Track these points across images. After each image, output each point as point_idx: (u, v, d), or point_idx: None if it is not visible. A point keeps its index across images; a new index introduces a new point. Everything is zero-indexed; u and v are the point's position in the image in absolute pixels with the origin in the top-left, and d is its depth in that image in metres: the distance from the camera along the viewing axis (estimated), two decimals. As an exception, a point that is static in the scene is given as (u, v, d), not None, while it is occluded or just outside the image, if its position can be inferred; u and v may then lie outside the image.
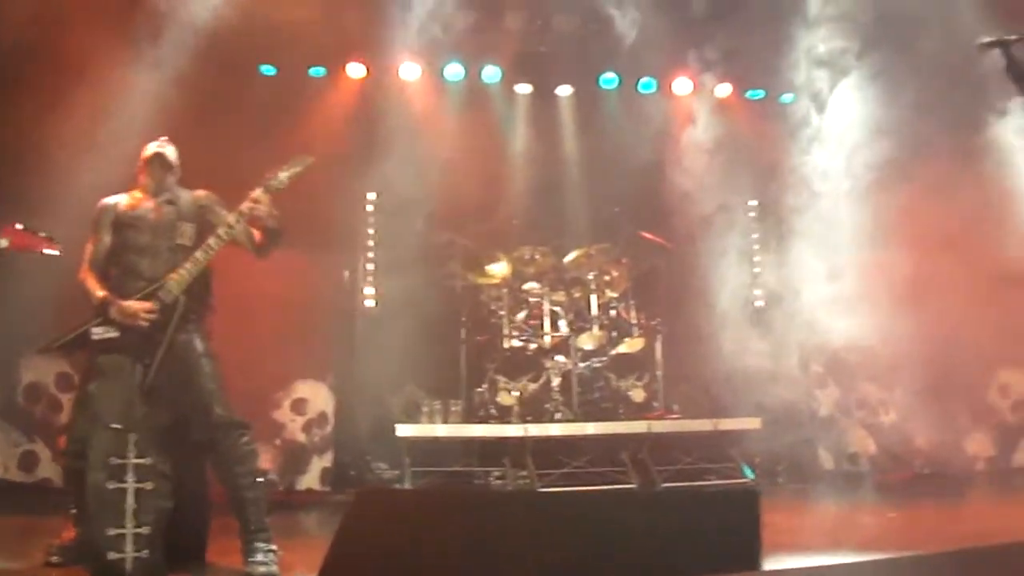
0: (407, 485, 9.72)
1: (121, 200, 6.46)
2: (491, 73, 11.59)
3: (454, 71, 11.47)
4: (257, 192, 6.19)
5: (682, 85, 11.69)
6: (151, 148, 6.52)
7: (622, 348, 10.82)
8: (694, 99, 11.56)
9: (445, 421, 10.32)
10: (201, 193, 6.55)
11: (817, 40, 10.15)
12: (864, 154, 9.92)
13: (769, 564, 5.05)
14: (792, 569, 4.18)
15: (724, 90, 11.91)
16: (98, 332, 6.06)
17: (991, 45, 5.37)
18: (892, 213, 9.92)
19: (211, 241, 6.16)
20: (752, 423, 10.30)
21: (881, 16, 9.80)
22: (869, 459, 10.81)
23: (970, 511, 8.98)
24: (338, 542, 4.20)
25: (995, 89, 6.76)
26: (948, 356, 10.01)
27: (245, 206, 6.17)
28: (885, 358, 10.01)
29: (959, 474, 10.44)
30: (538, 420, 10.32)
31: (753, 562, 3.73)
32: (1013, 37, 5.28)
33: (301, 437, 10.07)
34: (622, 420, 10.45)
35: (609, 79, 11.77)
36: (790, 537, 7.21)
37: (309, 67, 11.13)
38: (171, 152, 6.55)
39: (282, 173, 6.28)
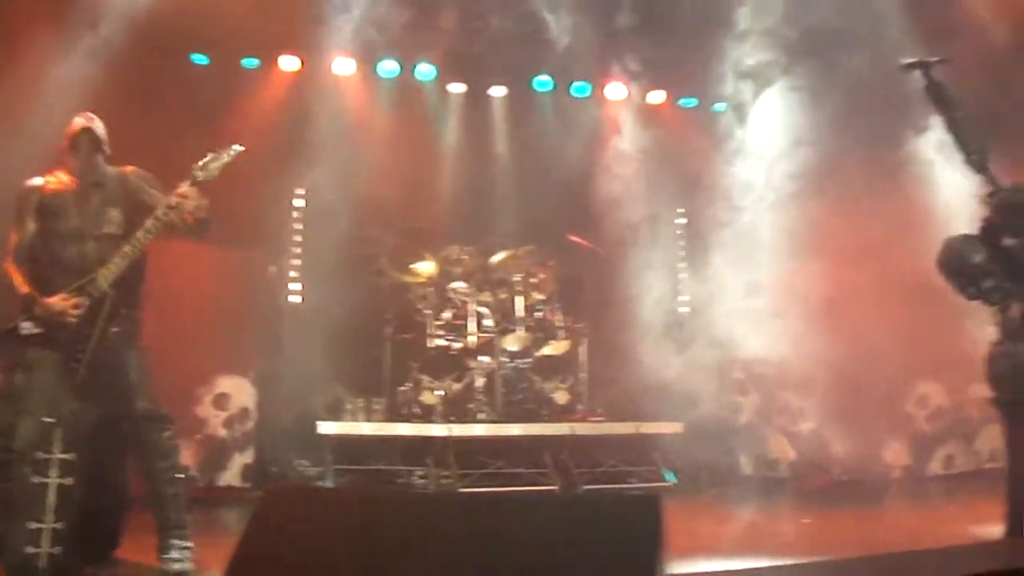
0: (329, 483, 9.68)
1: (44, 183, 6.23)
2: (425, 71, 11.57)
3: (388, 68, 11.42)
4: (184, 186, 6.00)
5: (616, 90, 11.74)
6: (78, 122, 6.23)
7: (547, 350, 10.90)
8: (627, 105, 11.65)
9: (368, 419, 10.30)
10: (129, 170, 6.33)
11: (746, 52, 10.27)
12: (788, 167, 10.06)
13: (680, 568, 5.11)
14: (697, 573, 4.23)
15: (657, 97, 12.02)
16: (26, 327, 5.96)
17: (913, 66, 5.51)
18: (816, 225, 10.06)
19: (139, 234, 6.01)
20: (674, 427, 10.41)
21: (810, 32, 9.95)
22: (788, 465, 10.95)
23: (884, 518, 9.11)
24: (245, 541, 4.15)
25: (916, 107, 6.88)
26: (868, 366, 10.15)
27: (173, 199, 5.99)
28: (806, 367, 10.13)
29: (876, 481, 10.58)
30: (461, 420, 10.33)
31: (652, 568, 3.77)
32: (933, 59, 5.41)
33: (222, 433, 9.96)
34: (545, 422, 10.51)
35: (543, 82, 11.80)
36: (706, 541, 7.30)
37: (242, 58, 11.00)
38: (100, 127, 6.26)
39: (210, 164, 6.11)
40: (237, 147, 6.23)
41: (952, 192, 7.34)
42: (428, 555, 3.96)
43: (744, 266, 10.29)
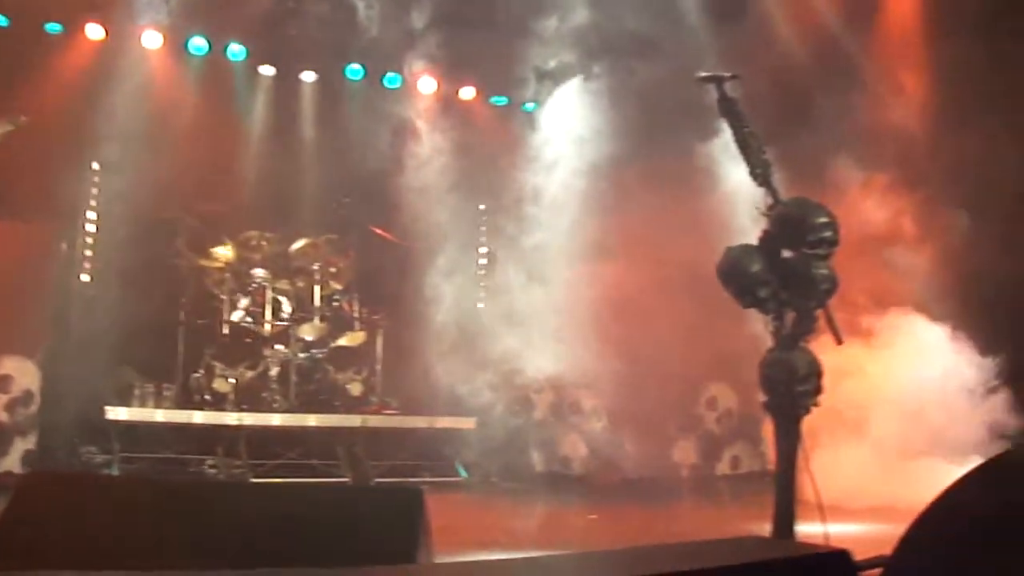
0: (115, 471, 9.40)
1: None
2: (236, 51, 11.35)
3: (198, 45, 11.15)
4: None
5: (427, 84, 11.72)
6: None
7: (343, 341, 10.87)
8: (437, 99, 11.66)
9: (158, 405, 10.03)
10: None
11: (553, 54, 10.43)
12: (585, 168, 10.26)
13: (461, 556, 5.16)
14: (454, 563, 4.31)
15: (468, 93, 12.08)
16: None
17: (707, 79, 5.65)
18: (612, 228, 10.27)
19: None
20: (467, 423, 10.52)
21: (615, 38, 10.16)
22: (580, 462, 11.12)
23: (668, 515, 9.31)
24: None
25: (709, 116, 7.09)
26: (660, 367, 10.37)
27: None
28: (599, 367, 10.31)
29: (665, 480, 10.84)
30: (254, 409, 10.18)
31: (412, 555, 3.90)
32: (727, 74, 5.56)
33: (3, 416, 9.49)
34: (338, 413, 10.45)
35: (355, 70, 11.72)
36: (492, 534, 7.39)
37: (45, 22, 10.55)
38: None
39: None
40: (20, 117, 5.95)
41: (741, 198, 7.57)
42: (190, 541, 3.93)
43: (541, 265, 10.44)
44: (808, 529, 5.55)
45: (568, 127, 10.60)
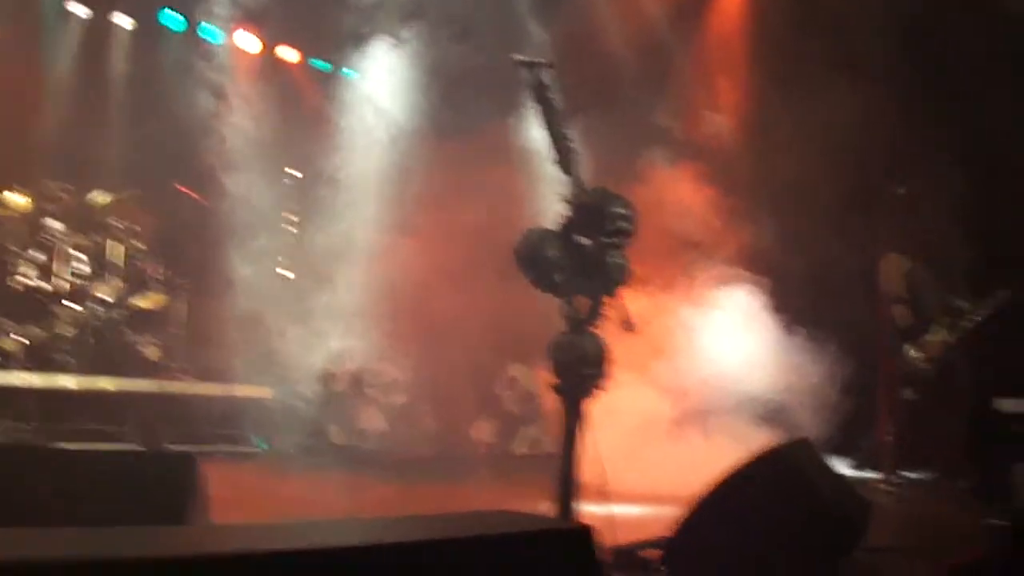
0: None
1: None
2: (46, -14, 10.91)
3: (2, -23, 10.66)
4: None
5: (248, 41, 11.46)
6: None
7: (142, 303, 10.51)
8: (258, 58, 11.45)
9: (-61, 364, 9.52)
10: None
11: (373, 21, 10.38)
12: (397, 141, 10.25)
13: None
14: (213, 525, 4.34)
15: (290, 55, 11.89)
16: None
17: (523, 64, 5.66)
18: (421, 203, 10.28)
19: None
20: (263, 392, 10.44)
21: (435, 11, 10.17)
22: (378, 437, 11.10)
23: (460, 492, 9.36)
24: None
25: (520, 94, 7.17)
26: (463, 345, 10.45)
27: None
28: (402, 341, 10.32)
29: (463, 457, 10.92)
30: (44, 370, 9.72)
31: (183, 518, 3.97)
32: (542, 61, 5.58)
33: None
34: (134, 377, 10.13)
35: (171, 17, 11.37)
36: (278, 505, 7.34)
37: None
38: None
39: None
40: None
41: (545, 176, 7.66)
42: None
43: (346, 237, 10.36)
44: (597, 510, 5.64)
45: (378, 97, 10.59)
